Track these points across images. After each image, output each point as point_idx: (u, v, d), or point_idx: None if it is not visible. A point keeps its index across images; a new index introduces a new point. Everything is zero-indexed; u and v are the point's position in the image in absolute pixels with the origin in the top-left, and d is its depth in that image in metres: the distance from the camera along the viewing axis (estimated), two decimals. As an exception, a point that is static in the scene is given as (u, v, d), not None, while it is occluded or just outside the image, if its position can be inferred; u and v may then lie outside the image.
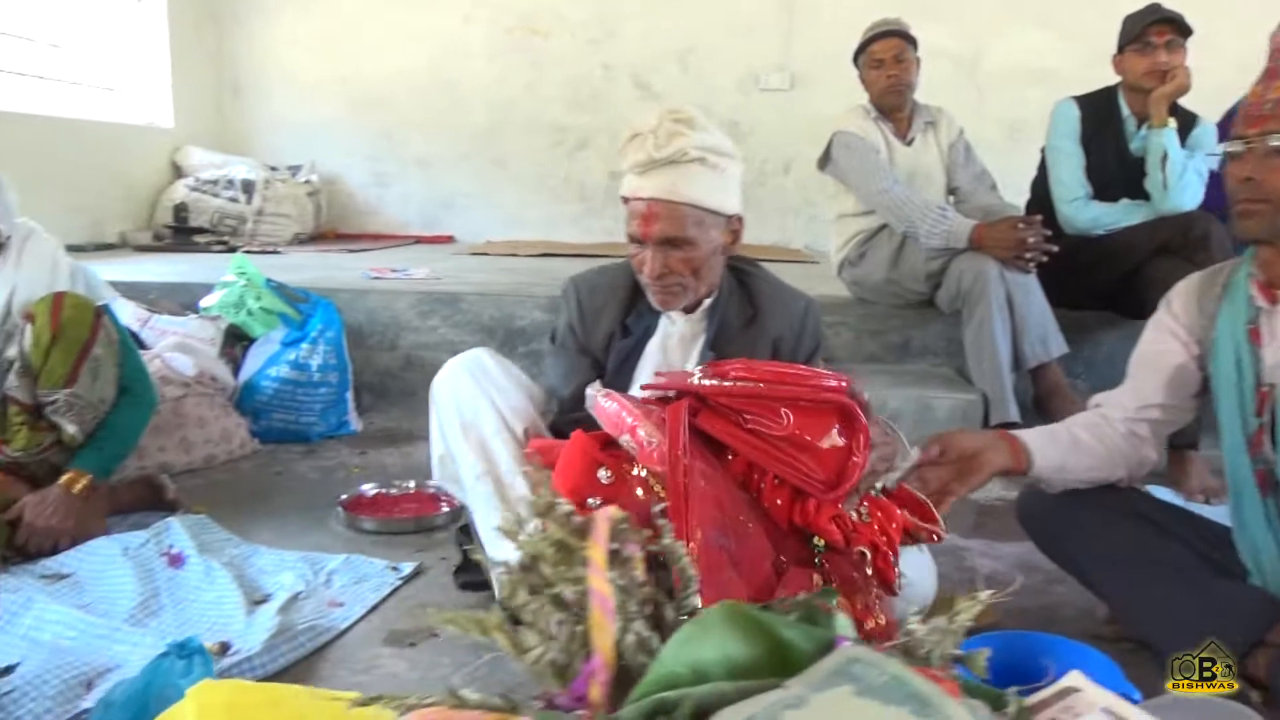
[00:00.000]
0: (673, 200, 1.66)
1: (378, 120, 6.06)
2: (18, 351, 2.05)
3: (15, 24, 4.60)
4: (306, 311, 3.07)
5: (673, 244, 1.69)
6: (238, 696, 0.94)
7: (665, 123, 1.66)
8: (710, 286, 1.80)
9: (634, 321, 1.85)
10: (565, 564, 0.42)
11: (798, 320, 1.84)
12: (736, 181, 1.76)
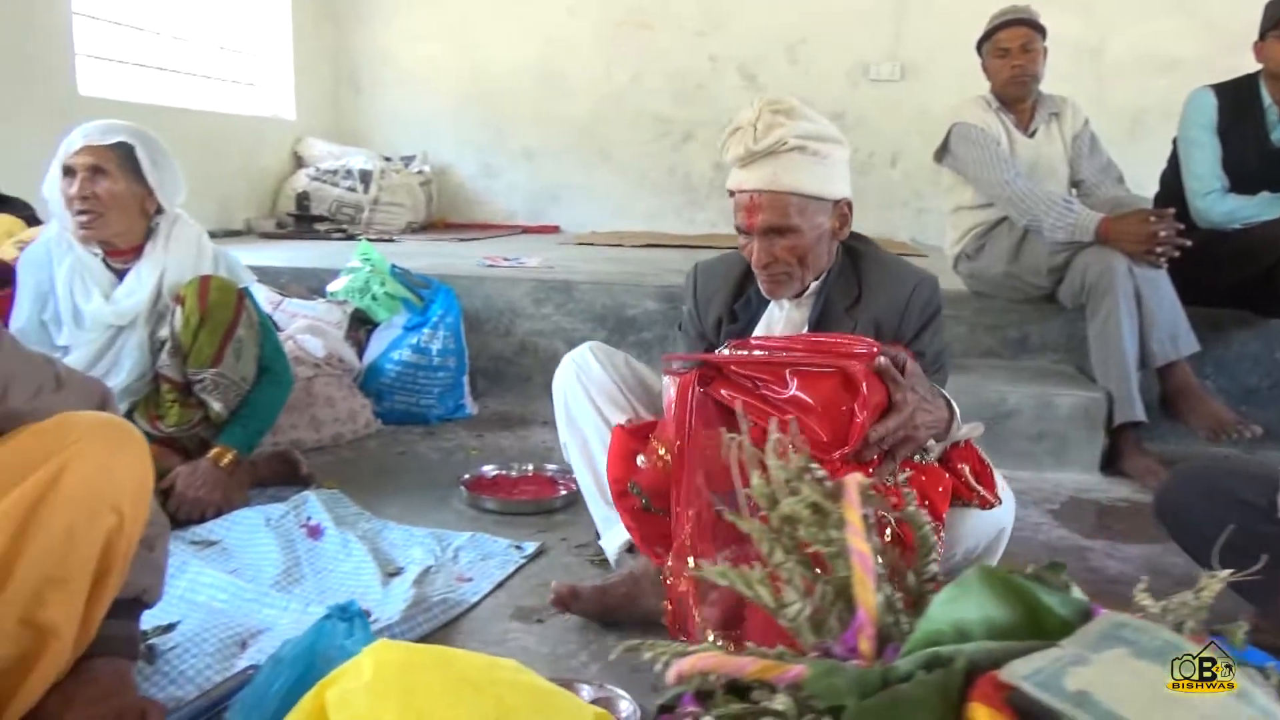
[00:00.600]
0: (774, 190, 1.68)
1: (487, 112, 6.19)
2: (169, 332, 2.17)
3: (149, 19, 4.84)
4: (428, 297, 3.17)
5: (777, 233, 1.71)
6: (411, 656, 0.99)
7: (764, 114, 1.68)
8: (818, 271, 1.79)
9: (741, 307, 1.89)
10: (819, 526, 0.44)
11: (901, 301, 1.80)
12: (842, 166, 1.75)
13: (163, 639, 1.64)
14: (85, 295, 2.12)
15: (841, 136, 1.75)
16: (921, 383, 1.59)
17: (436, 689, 0.96)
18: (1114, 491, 2.64)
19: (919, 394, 1.57)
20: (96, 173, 2.09)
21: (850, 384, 1.53)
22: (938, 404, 1.61)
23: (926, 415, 1.57)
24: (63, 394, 1.36)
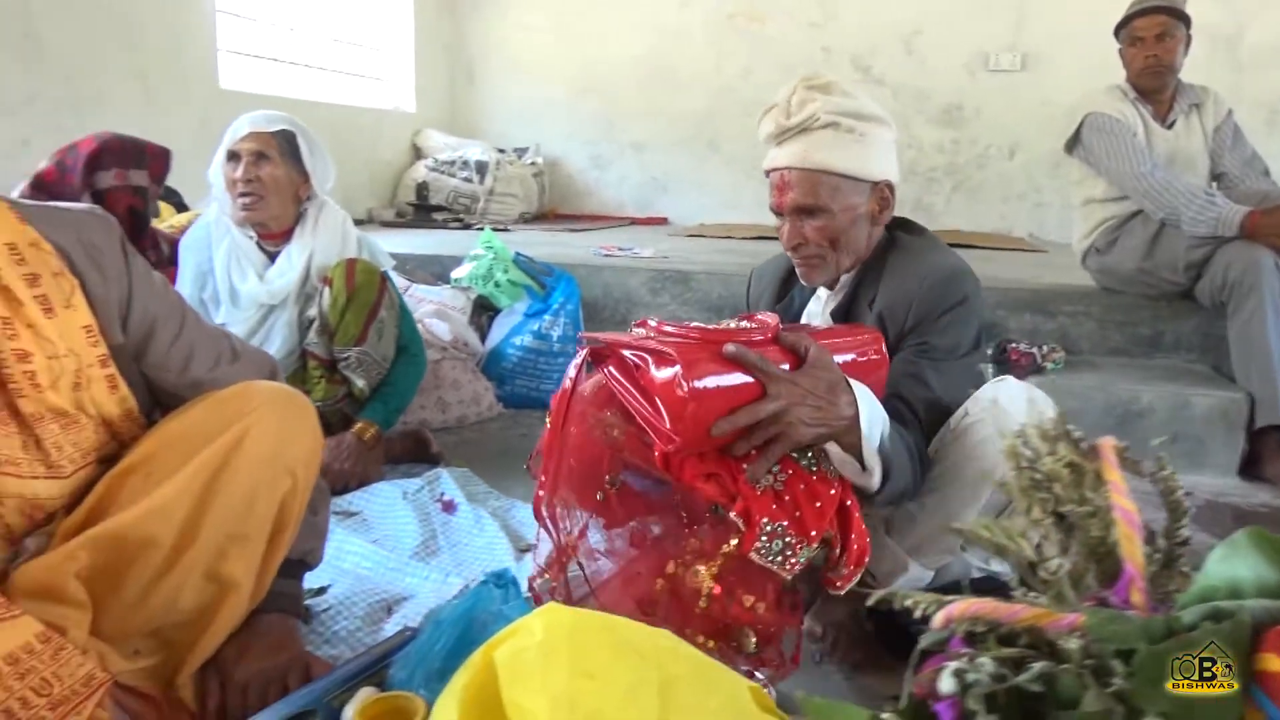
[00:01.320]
0: (804, 168, 1.60)
1: (598, 105, 6.26)
2: (317, 311, 2.28)
3: (283, 15, 5.04)
4: (550, 285, 3.24)
5: (807, 213, 1.62)
6: (579, 619, 1.03)
7: (799, 90, 1.61)
8: (855, 257, 1.68)
9: (784, 308, 1.82)
10: (1075, 485, 0.46)
11: (909, 294, 1.62)
12: (884, 146, 1.64)
13: (316, 601, 1.74)
14: (241, 275, 2.25)
15: (886, 116, 1.65)
16: (825, 373, 1.38)
17: (605, 652, 1.00)
18: (1254, 497, 2.54)
19: (803, 386, 1.35)
20: (260, 158, 2.21)
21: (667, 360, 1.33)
22: (837, 400, 1.37)
23: (810, 411, 1.35)
24: (238, 365, 1.45)
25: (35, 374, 1.20)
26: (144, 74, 3.89)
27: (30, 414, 1.21)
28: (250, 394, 1.34)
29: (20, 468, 1.21)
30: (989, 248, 4.86)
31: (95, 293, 1.27)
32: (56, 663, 1.18)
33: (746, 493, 1.35)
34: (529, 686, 0.97)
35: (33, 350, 1.20)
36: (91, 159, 2.26)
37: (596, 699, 0.96)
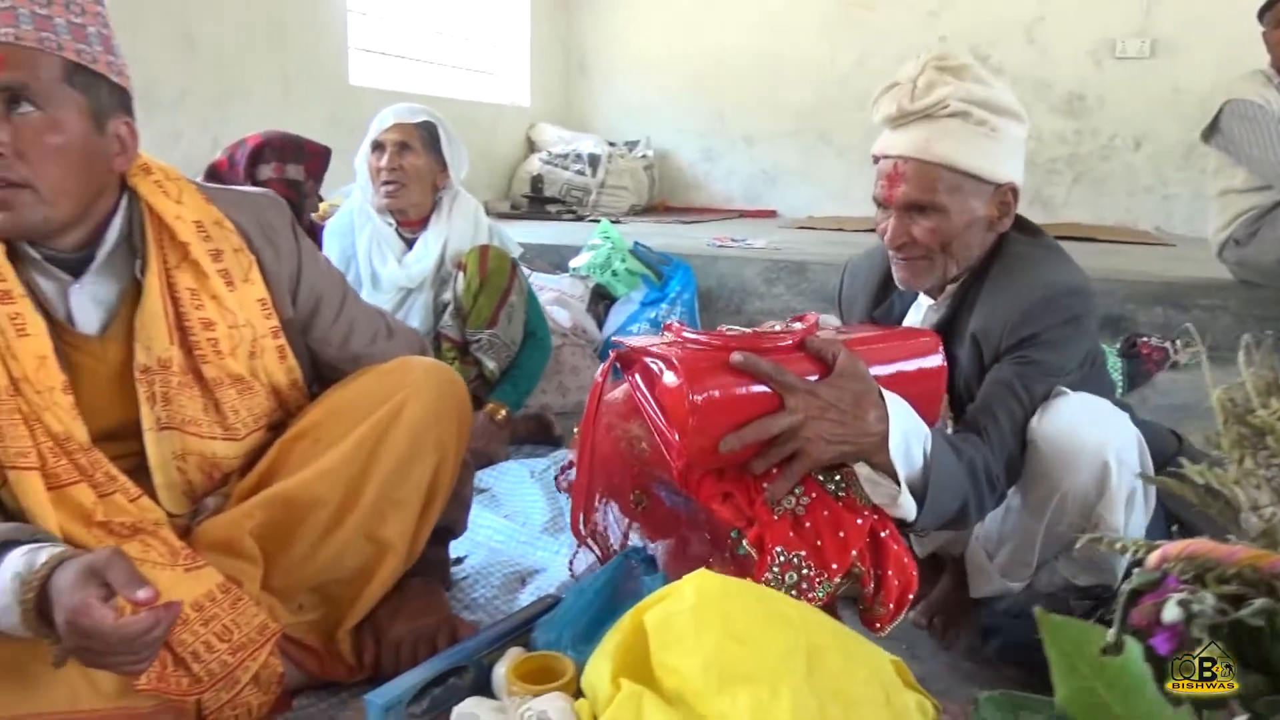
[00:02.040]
0: (922, 159, 1.41)
1: (709, 98, 6.28)
2: (451, 295, 2.37)
3: (407, 13, 5.21)
4: (667, 274, 3.29)
5: (918, 210, 1.44)
6: (729, 585, 1.07)
7: (928, 70, 1.43)
8: (965, 265, 1.50)
9: (883, 314, 1.66)
10: None
11: (1007, 315, 1.43)
12: (1015, 145, 1.46)
13: (455, 570, 1.82)
14: (382, 260, 2.36)
15: (1022, 111, 1.47)
16: (853, 383, 1.26)
17: (754, 618, 1.03)
18: None
19: (824, 398, 1.23)
20: (403, 148, 2.32)
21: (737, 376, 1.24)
22: (864, 415, 1.24)
23: (832, 426, 1.23)
24: (393, 341, 1.54)
25: (218, 341, 1.30)
26: (284, 71, 4.09)
27: (211, 379, 1.31)
28: (408, 368, 1.42)
29: (201, 428, 1.32)
30: (1113, 241, 4.71)
31: (269, 269, 1.37)
32: (235, 611, 1.28)
33: (762, 517, 1.24)
34: (682, 648, 1.01)
35: (216, 320, 1.30)
36: (254, 153, 2.43)
37: (747, 662, 1.00)
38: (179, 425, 1.29)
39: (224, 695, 1.24)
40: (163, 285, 1.26)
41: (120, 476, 1.26)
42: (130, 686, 1.16)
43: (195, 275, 1.29)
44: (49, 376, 1.18)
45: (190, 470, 1.33)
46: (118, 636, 1.00)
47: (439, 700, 1.26)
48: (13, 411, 1.16)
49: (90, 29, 1.19)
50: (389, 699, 1.20)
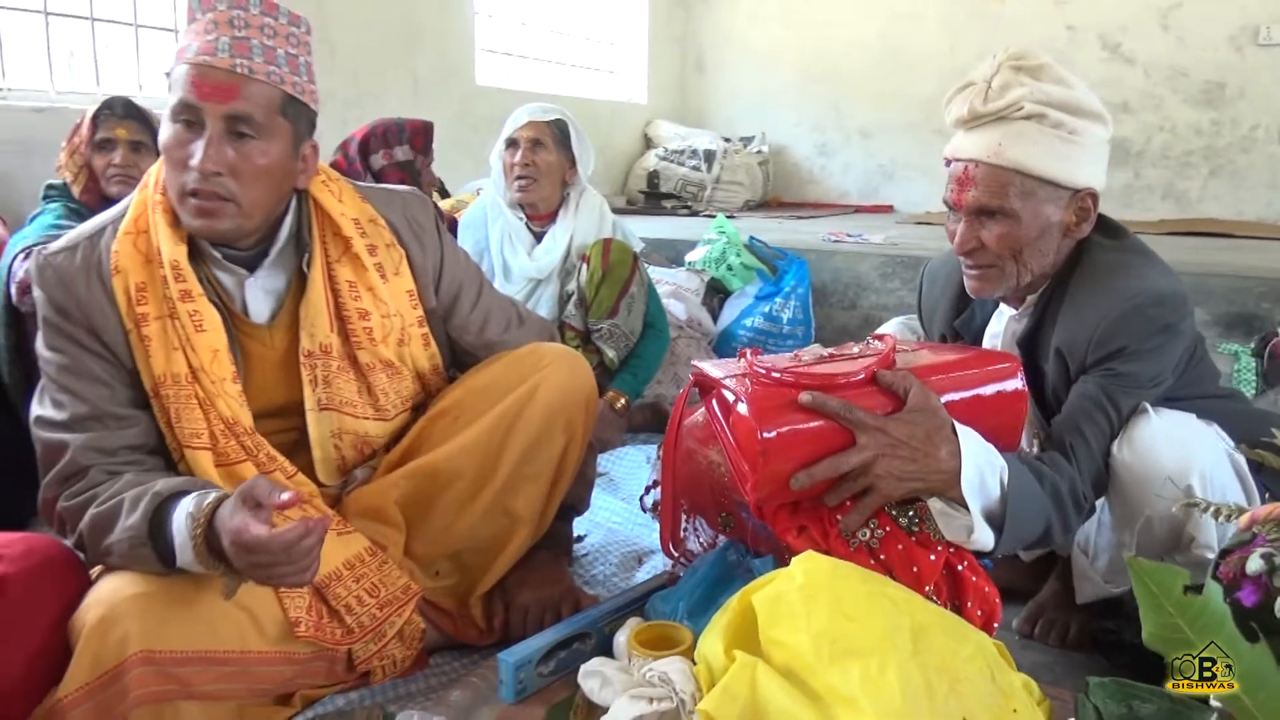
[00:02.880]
0: (994, 163, 1.38)
1: (825, 92, 6.25)
2: (575, 286, 2.48)
3: (530, 14, 5.37)
4: (782, 268, 3.33)
5: (989, 215, 1.40)
6: (837, 566, 1.11)
7: (1003, 70, 1.39)
8: (1040, 273, 1.46)
9: (964, 323, 1.62)
10: None
11: (1089, 328, 1.38)
12: (1095, 148, 1.41)
13: (576, 546, 1.92)
14: (513, 252, 2.49)
15: (1104, 112, 1.40)
16: (925, 419, 1.24)
17: (861, 597, 1.08)
18: None
19: (894, 435, 1.22)
20: (536, 145, 2.45)
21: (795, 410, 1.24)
22: (935, 451, 1.23)
23: (902, 463, 1.22)
24: (524, 329, 1.64)
25: (372, 330, 1.42)
26: (415, 73, 4.29)
27: (365, 364, 1.43)
28: (541, 354, 1.52)
29: (356, 409, 1.44)
30: (1252, 237, 4.50)
31: (416, 262, 1.49)
32: (381, 572, 1.40)
33: (837, 550, 1.25)
34: (792, 624, 1.07)
35: (371, 310, 1.42)
36: (362, 146, 2.58)
37: (854, 638, 1.05)
38: (337, 406, 1.42)
39: (372, 647, 1.36)
40: (325, 278, 1.39)
41: (279, 456, 1.39)
42: (291, 633, 1.29)
43: (354, 268, 1.42)
44: (221, 368, 1.32)
45: (345, 447, 1.46)
46: (278, 544, 1.09)
47: (564, 662, 1.36)
48: (190, 397, 1.30)
49: (301, 59, 1.32)
50: (520, 658, 1.31)
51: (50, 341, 1.29)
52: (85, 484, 1.24)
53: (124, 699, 1.15)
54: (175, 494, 1.20)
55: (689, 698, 1.07)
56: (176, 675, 1.18)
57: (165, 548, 1.17)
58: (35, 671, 1.17)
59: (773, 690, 1.03)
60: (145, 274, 1.30)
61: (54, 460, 1.26)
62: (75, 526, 1.23)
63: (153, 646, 1.16)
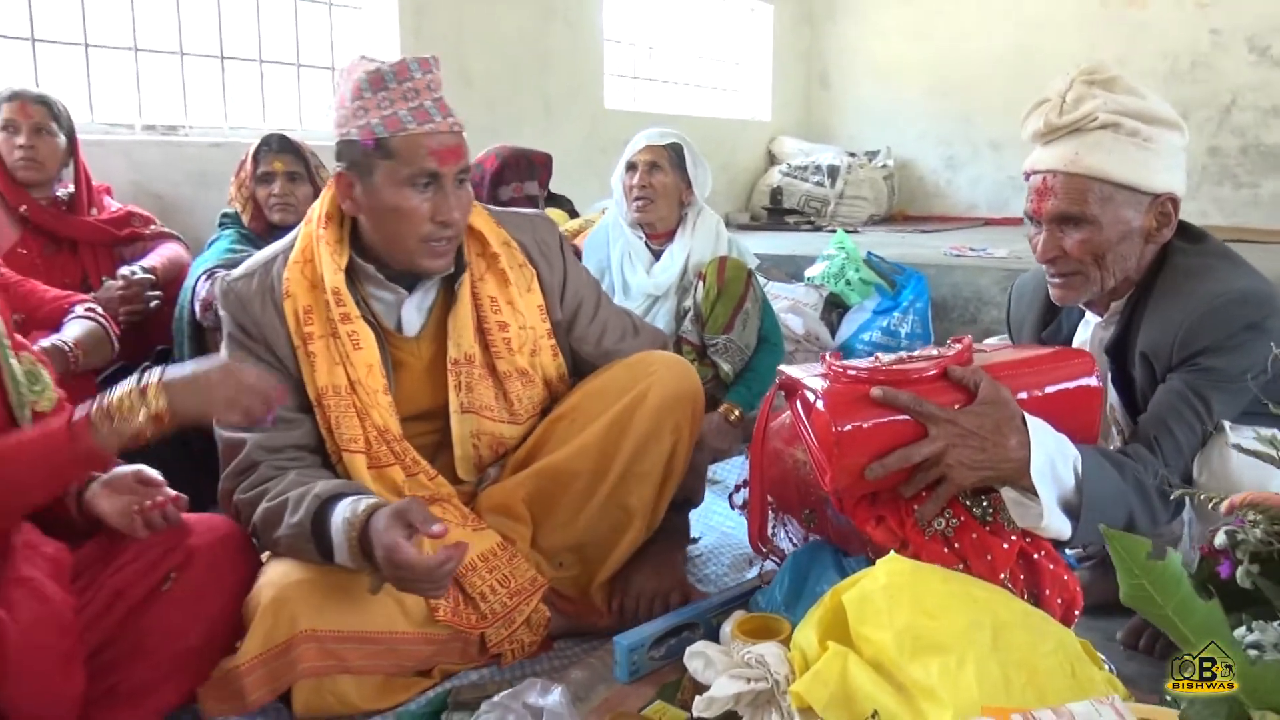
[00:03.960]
0: (1072, 172, 1.43)
1: (953, 104, 6.19)
2: (692, 302, 2.60)
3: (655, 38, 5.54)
4: (900, 283, 3.36)
5: (1069, 223, 1.45)
6: (918, 568, 1.18)
7: (1076, 84, 1.45)
8: (1122, 279, 1.49)
9: (1051, 334, 1.67)
10: None
11: (1172, 330, 1.41)
12: (1171, 154, 1.45)
13: (691, 547, 2.03)
14: (632, 270, 2.63)
15: (1178, 120, 1.46)
16: (994, 410, 1.30)
17: (942, 596, 1.16)
18: None
19: (964, 426, 1.28)
20: (653, 168, 2.60)
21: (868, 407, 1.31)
22: (1004, 441, 1.29)
23: (972, 452, 1.28)
24: (639, 339, 1.77)
25: (510, 341, 1.59)
26: (548, 99, 4.51)
27: (502, 372, 1.60)
28: (650, 361, 1.65)
29: (493, 413, 1.61)
30: None
31: (544, 279, 1.64)
32: (511, 564, 1.55)
33: (914, 539, 1.32)
34: (877, 622, 1.15)
35: (509, 322, 1.59)
36: (495, 176, 2.74)
37: (935, 634, 1.13)
38: (477, 410, 1.59)
39: (503, 631, 1.51)
40: (469, 293, 1.57)
41: (422, 460, 1.56)
42: (431, 617, 1.45)
43: (498, 285, 1.59)
44: (375, 381, 1.50)
45: (482, 447, 1.63)
46: (422, 568, 1.28)
47: (674, 649, 1.47)
48: (349, 407, 1.49)
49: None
50: (633, 641, 1.43)
51: (232, 354, 1.50)
52: (257, 478, 1.44)
53: (291, 670, 1.33)
54: (334, 496, 1.37)
55: (783, 679, 1.16)
56: (335, 652, 1.36)
57: (325, 544, 1.35)
58: (215, 633, 1.37)
59: (861, 679, 1.12)
60: (311, 298, 1.49)
61: (232, 455, 1.46)
62: (249, 519, 1.43)
63: (316, 626, 1.35)
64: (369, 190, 1.45)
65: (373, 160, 1.43)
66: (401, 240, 1.46)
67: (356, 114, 1.43)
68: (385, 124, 1.41)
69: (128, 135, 3.01)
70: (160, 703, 1.35)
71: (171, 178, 3.00)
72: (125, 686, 1.31)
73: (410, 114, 1.41)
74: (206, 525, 1.42)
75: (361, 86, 1.44)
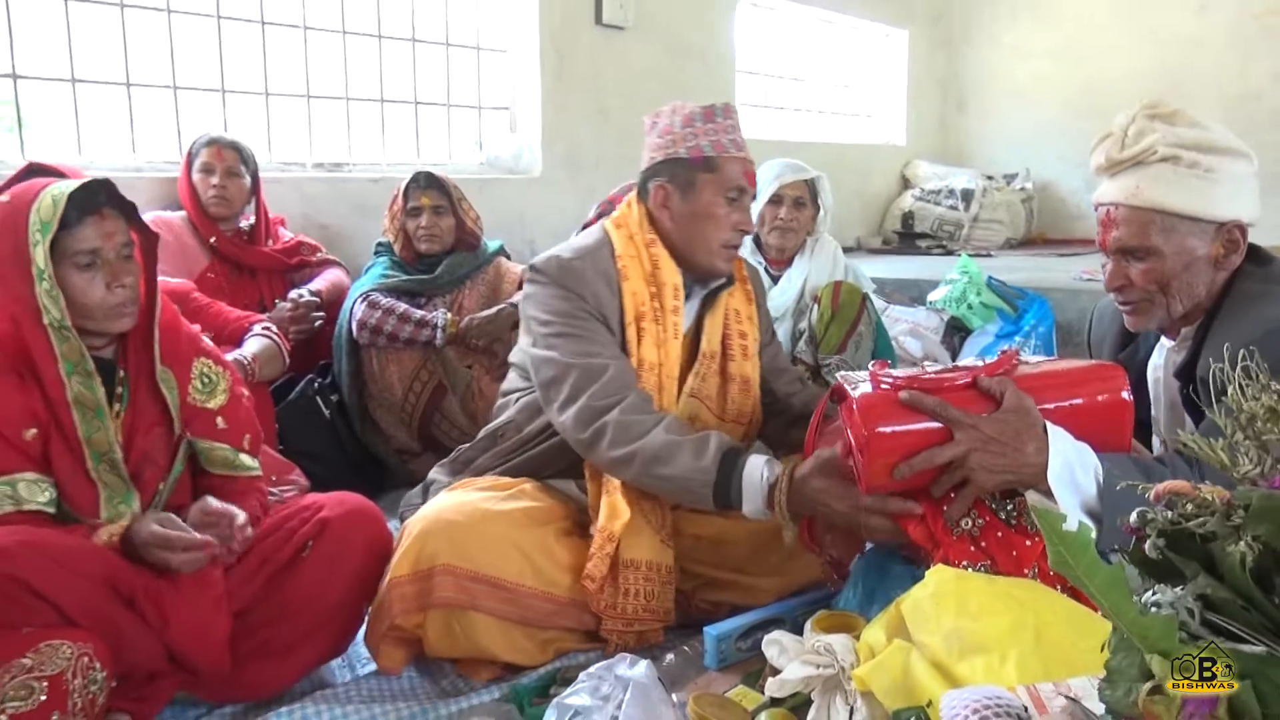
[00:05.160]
0: (1134, 205, 1.49)
1: (1096, 125, 5.95)
2: (807, 324, 2.73)
3: (785, 66, 5.67)
4: (1023, 307, 3.37)
5: (1133, 254, 1.52)
6: (963, 575, 1.28)
7: (1138, 119, 1.51)
8: (1191, 304, 1.54)
9: (1128, 357, 1.70)
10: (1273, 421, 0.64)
11: (1236, 352, 1.43)
12: (1236, 182, 1.49)
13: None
14: (756, 294, 2.83)
15: (1243, 148, 1.49)
16: (1016, 418, 1.37)
17: (986, 599, 1.25)
18: None
19: (985, 432, 1.36)
20: (798, 203, 2.86)
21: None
22: (1024, 447, 1.36)
23: (993, 457, 1.37)
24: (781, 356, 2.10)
25: (747, 348, 1.88)
26: (677, 130, 4.70)
27: (729, 374, 1.87)
28: None
29: (711, 405, 1.87)
30: None
31: (760, 308, 1.97)
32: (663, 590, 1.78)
33: (943, 539, 1.42)
34: (927, 628, 1.26)
35: (747, 332, 1.89)
36: (611, 205, 2.94)
37: (979, 636, 1.22)
38: (700, 397, 1.86)
39: (618, 625, 1.71)
40: (725, 302, 1.88)
41: None
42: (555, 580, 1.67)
43: (743, 300, 1.91)
44: (671, 365, 1.81)
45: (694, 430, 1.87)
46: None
47: (758, 643, 1.60)
48: (654, 384, 1.78)
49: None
50: (721, 632, 1.58)
51: (570, 320, 1.74)
52: (635, 398, 1.66)
53: (430, 594, 1.57)
54: (735, 447, 1.63)
55: (848, 666, 1.28)
56: (468, 589, 1.59)
57: (724, 491, 1.58)
58: (349, 595, 1.63)
59: (920, 672, 1.23)
60: (641, 287, 1.79)
61: (597, 376, 1.67)
62: (598, 420, 1.64)
63: (453, 563, 1.58)
64: (688, 199, 1.77)
65: (696, 174, 1.75)
66: (707, 242, 1.77)
67: (687, 137, 1.76)
68: (713, 146, 1.74)
69: (300, 172, 3.37)
70: (304, 658, 1.61)
71: (336, 210, 3.34)
72: (274, 643, 1.57)
73: (730, 142, 1.77)
74: (338, 500, 1.67)
75: (693, 118, 1.77)
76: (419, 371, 2.69)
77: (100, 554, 1.42)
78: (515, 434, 1.87)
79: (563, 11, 4.02)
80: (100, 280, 1.50)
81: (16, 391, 1.46)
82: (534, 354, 1.76)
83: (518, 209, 3.93)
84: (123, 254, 1.53)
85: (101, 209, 1.50)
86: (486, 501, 1.70)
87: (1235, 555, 0.59)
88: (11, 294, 1.46)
